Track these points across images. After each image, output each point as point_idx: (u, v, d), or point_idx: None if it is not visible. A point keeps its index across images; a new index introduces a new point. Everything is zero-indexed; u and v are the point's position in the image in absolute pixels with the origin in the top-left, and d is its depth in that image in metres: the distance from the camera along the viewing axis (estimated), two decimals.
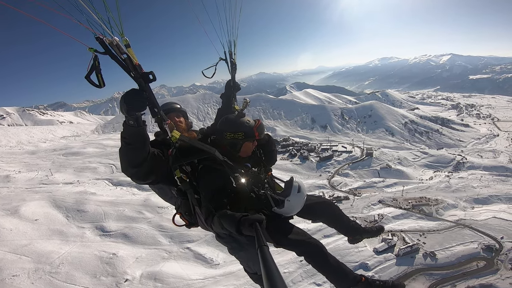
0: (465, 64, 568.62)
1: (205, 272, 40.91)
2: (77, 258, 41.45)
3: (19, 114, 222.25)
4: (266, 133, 3.46)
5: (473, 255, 45.19)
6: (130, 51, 2.19)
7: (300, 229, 3.09)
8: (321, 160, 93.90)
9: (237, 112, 3.35)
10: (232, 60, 3.91)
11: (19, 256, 41.06)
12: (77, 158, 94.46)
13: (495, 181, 76.05)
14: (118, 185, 67.98)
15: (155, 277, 38.45)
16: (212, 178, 2.84)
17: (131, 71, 2.23)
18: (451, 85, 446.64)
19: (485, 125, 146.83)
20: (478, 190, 69.24)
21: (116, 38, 2.11)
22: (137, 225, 50.15)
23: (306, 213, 3.44)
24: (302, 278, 39.63)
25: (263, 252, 1.62)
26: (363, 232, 3.97)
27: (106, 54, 2.10)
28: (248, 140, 3.10)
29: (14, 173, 78.06)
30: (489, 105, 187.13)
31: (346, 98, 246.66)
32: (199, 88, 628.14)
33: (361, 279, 3.07)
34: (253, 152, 3.33)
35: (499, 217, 54.19)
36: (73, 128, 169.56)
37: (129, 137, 2.37)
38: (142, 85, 2.29)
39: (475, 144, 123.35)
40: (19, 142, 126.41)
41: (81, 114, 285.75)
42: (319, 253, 2.90)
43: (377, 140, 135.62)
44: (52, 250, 42.83)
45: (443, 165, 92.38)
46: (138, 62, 2.27)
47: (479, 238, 48.47)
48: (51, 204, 55.68)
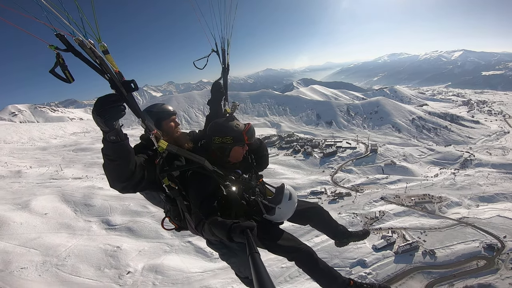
0: (478, 60, 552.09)
1: (205, 266, 41.97)
2: (83, 251, 42.99)
3: (31, 111, 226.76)
4: (257, 138, 3.41)
5: (474, 254, 44.82)
6: (109, 57, 2.18)
7: (290, 235, 3.13)
8: (325, 156, 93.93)
9: (226, 116, 3.31)
10: (224, 58, 3.72)
11: (28, 249, 42.70)
12: (86, 153, 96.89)
13: (503, 179, 74.67)
14: None
15: (156, 269, 39.80)
16: (201, 185, 2.80)
17: (106, 73, 2.18)
18: (462, 81, 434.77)
19: (496, 122, 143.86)
20: (484, 188, 68.36)
21: (91, 41, 2.09)
22: (141, 219, 51.61)
23: (296, 218, 3.44)
24: (299, 273, 40.12)
25: (254, 259, 1.64)
26: (350, 236, 4.01)
27: (69, 51, 2.07)
28: (237, 145, 3.03)
29: (26, 168, 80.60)
30: (501, 101, 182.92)
31: (353, 94, 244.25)
32: (206, 84, 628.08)
33: (349, 282, 3.08)
34: (244, 158, 3.28)
35: (503, 216, 53.53)
36: (83, 125, 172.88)
37: (113, 154, 2.30)
38: (118, 88, 2.23)
39: (485, 141, 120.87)
40: (31, 139, 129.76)
41: (91, 110, 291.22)
42: (309, 258, 2.95)
43: (383, 136, 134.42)
44: (59, 243, 44.45)
45: (450, 162, 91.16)
46: (119, 69, 2.23)
47: (481, 236, 47.99)
48: (60, 198, 57.69)
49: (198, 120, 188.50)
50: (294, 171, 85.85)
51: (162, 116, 3.10)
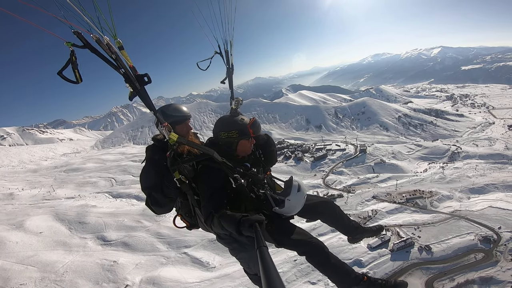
0: (456, 55, 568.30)
1: (202, 275, 42.13)
2: (80, 266, 43.00)
3: (19, 134, 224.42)
4: (265, 133, 3.50)
5: (470, 247, 44.28)
6: (123, 53, 2.27)
7: (301, 229, 3.06)
8: (315, 160, 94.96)
9: (231, 112, 3.42)
10: (228, 59, 3.75)
11: (26, 266, 42.78)
12: (77, 173, 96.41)
13: (492, 169, 75.84)
14: (118, 197, 69.77)
15: (154, 281, 39.75)
16: (210, 178, 2.84)
17: (121, 68, 2.27)
18: (444, 77, 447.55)
19: (480, 114, 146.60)
20: (473, 179, 68.95)
21: (107, 37, 2.17)
22: (136, 234, 51.56)
23: (307, 212, 3.41)
24: (296, 277, 40.25)
25: (262, 253, 1.64)
26: (363, 232, 3.91)
27: (85, 48, 2.13)
28: (243, 138, 3.07)
29: (18, 190, 80.00)
30: (483, 94, 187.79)
31: (341, 96, 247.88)
32: (196, 97, 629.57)
33: (363, 278, 2.97)
34: (253, 153, 3.31)
35: (496, 206, 53.40)
36: (73, 145, 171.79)
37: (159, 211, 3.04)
38: (132, 82, 2.32)
39: (471, 133, 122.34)
40: (21, 161, 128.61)
41: (80, 130, 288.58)
42: (320, 252, 2.86)
43: (372, 136, 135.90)
44: (56, 260, 44.46)
45: (438, 156, 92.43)
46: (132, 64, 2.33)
47: (476, 229, 47.64)
48: (54, 217, 57.35)
49: None
50: (286, 177, 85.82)
51: (177, 119, 3.12)
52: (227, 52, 3.66)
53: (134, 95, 2.33)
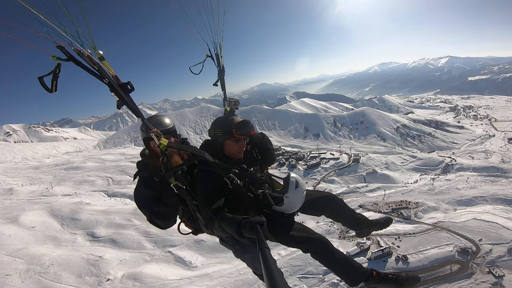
0: (464, 66, 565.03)
1: (182, 274, 43.51)
2: (66, 260, 44.59)
3: (25, 131, 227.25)
4: (260, 132, 3.49)
5: (448, 258, 43.93)
6: (105, 63, 2.32)
7: (303, 226, 3.04)
8: (309, 167, 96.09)
9: (224, 113, 3.48)
10: (219, 61, 3.77)
11: (14, 258, 44.52)
12: (77, 172, 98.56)
13: (484, 182, 75.60)
14: (112, 196, 71.63)
15: (135, 277, 41.30)
16: (207, 181, 2.81)
17: (104, 78, 2.31)
18: (450, 88, 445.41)
19: (481, 126, 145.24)
20: (462, 191, 68.67)
21: (88, 50, 2.23)
22: (125, 231, 53.16)
23: (309, 208, 3.37)
24: (289, 275, 40.97)
25: (264, 255, 1.65)
26: (371, 225, 3.81)
27: (69, 61, 2.21)
28: (228, 138, 3.03)
29: (17, 186, 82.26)
30: (488, 105, 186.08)
31: (343, 105, 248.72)
32: (201, 101, 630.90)
33: (372, 273, 2.92)
34: (248, 152, 3.29)
35: (480, 219, 53.30)
36: (76, 144, 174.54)
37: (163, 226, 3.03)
38: (117, 91, 2.35)
39: (469, 145, 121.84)
40: (24, 158, 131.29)
41: (85, 130, 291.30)
42: (324, 248, 2.83)
43: (369, 146, 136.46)
44: (44, 253, 46.17)
45: (431, 168, 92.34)
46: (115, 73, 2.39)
47: (456, 240, 47.49)
48: (49, 213, 59.29)
49: (189, 138, 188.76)
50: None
51: None
52: (217, 54, 3.72)
53: (121, 103, 2.41)
